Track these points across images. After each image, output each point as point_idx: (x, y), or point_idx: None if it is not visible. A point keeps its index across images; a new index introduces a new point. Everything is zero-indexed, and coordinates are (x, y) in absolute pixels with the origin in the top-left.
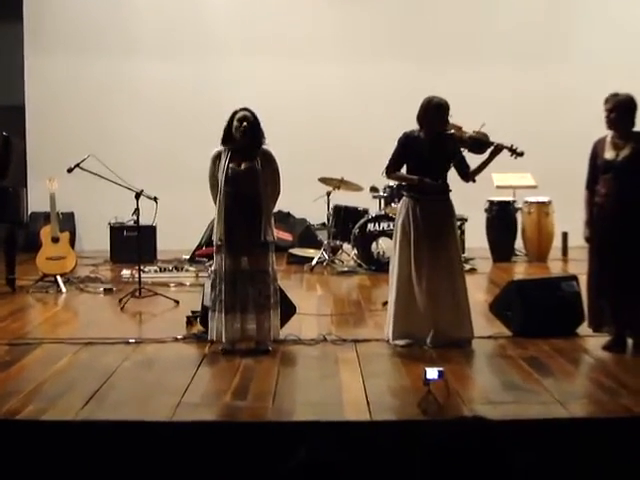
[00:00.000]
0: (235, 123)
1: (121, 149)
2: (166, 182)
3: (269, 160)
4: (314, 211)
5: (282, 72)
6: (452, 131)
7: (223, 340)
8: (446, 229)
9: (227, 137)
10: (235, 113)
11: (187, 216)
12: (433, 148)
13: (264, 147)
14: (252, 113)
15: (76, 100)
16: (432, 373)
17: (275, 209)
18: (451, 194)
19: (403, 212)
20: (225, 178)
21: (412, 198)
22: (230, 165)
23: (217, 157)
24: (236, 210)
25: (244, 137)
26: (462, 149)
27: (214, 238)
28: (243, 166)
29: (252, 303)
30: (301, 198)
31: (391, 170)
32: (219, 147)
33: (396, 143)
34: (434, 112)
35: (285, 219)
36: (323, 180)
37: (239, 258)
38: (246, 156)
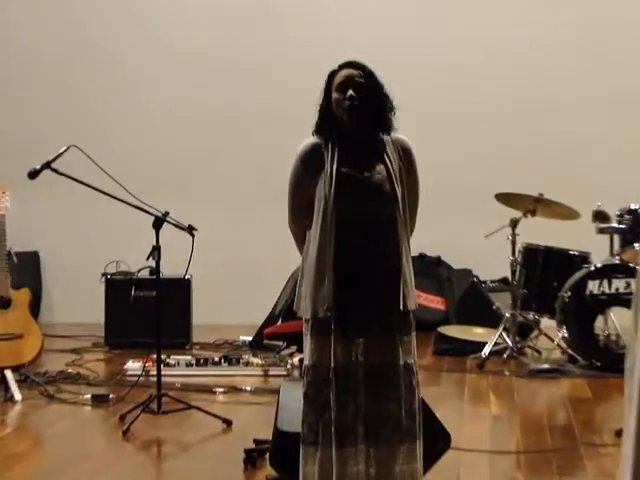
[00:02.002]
0: (335, 94)
1: (127, 141)
2: (210, 202)
3: (408, 157)
4: (486, 256)
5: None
6: None
7: None
8: None
9: (325, 119)
10: (334, 74)
11: (248, 263)
12: None
13: (395, 134)
14: (366, 71)
15: (45, 55)
16: None
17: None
18: None
19: None
20: (335, 193)
21: None
22: (342, 170)
23: (310, 155)
24: (356, 254)
25: (355, 117)
26: None
27: (302, 305)
28: (367, 170)
29: (388, 426)
30: (461, 231)
31: None
32: (312, 138)
33: None
34: None
35: (431, 270)
36: (503, 198)
37: (357, 343)
38: (366, 152)
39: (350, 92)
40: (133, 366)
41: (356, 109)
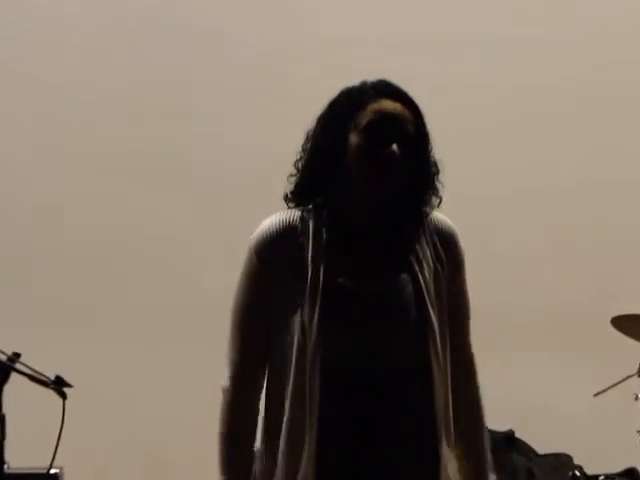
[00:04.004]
0: (360, 139)
1: None
2: (92, 336)
3: (454, 253)
4: (596, 430)
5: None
6: None
7: None
8: None
9: (321, 179)
10: (361, 100)
11: (163, 443)
12: None
13: (433, 215)
14: (418, 113)
15: None
16: None
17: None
18: None
19: None
20: (320, 322)
21: None
22: (338, 280)
23: (278, 243)
24: (357, 429)
25: (388, 190)
26: None
27: None
28: (380, 283)
29: None
30: (549, 385)
31: None
32: (284, 213)
33: None
34: None
35: (500, 456)
36: (627, 324)
37: None
38: (382, 250)
39: (393, 148)
40: None
41: (395, 177)
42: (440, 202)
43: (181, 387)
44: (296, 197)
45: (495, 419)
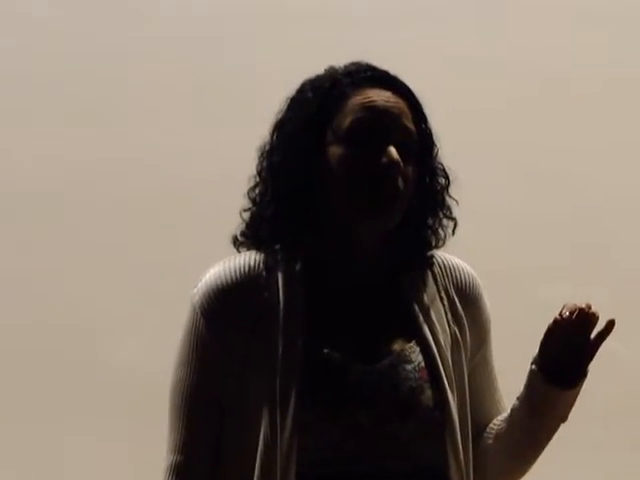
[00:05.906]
0: (343, 148)
1: None
2: None
3: (476, 308)
4: None
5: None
6: None
7: None
8: None
9: (293, 209)
10: (338, 91)
11: None
12: None
13: (443, 256)
14: (415, 102)
15: None
16: None
17: None
18: None
19: None
20: (300, 410)
21: None
22: (323, 350)
23: (235, 300)
24: None
25: (389, 218)
26: None
27: None
28: (382, 355)
29: None
30: None
31: None
32: (242, 257)
33: None
34: None
35: None
36: None
37: None
38: (380, 305)
39: (392, 151)
40: None
41: (401, 195)
42: (455, 227)
43: None
44: (254, 238)
45: None
